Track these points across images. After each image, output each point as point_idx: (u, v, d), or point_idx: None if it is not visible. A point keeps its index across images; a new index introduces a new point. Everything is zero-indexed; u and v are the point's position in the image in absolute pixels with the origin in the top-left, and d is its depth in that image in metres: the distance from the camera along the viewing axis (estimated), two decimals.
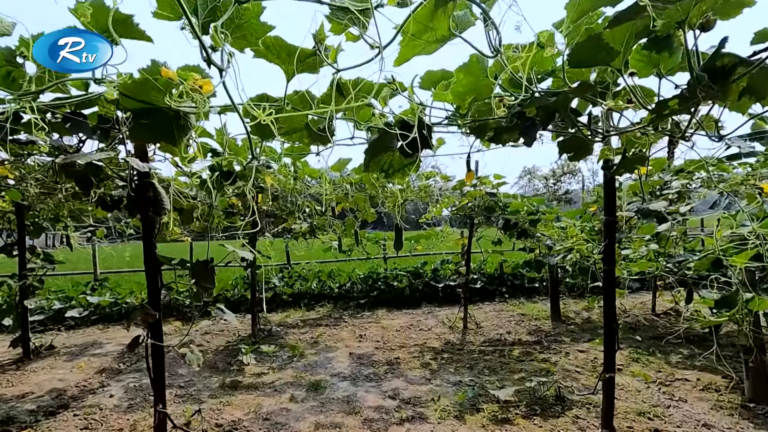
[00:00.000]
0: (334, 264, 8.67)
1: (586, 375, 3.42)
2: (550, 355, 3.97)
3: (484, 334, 4.76)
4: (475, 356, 4.01)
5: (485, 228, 5.16)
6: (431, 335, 4.84)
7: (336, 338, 4.83)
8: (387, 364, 3.88)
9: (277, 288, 7.00)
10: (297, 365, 3.93)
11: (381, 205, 4.76)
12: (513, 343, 4.39)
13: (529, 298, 6.78)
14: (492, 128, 1.92)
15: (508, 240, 4.96)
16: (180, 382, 3.56)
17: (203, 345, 4.65)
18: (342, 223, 5.56)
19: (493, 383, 3.30)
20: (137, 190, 2.12)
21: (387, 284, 6.96)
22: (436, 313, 6.01)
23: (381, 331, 5.08)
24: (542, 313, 5.57)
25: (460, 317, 5.25)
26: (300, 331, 5.25)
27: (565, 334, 4.63)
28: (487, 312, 5.91)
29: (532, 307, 6.08)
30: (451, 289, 6.81)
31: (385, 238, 7.56)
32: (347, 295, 7.04)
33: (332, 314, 6.15)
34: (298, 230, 5.66)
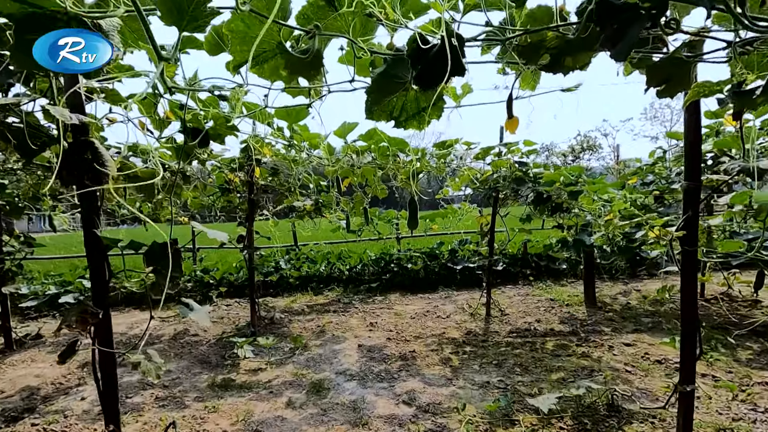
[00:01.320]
0: (344, 245, 8.19)
1: (638, 376, 2.86)
2: (591, 348, 3.42)
3: (511, 323, 4.22)
4: (502, 350, 3.48)
5: (511, 204, 4.55)
6: (450, 324, 4.32)
7: (344, 327, 4.36)
8: (401, 358, 3.39)
9: (283, 271, 6.56)
10: (299, 360, 3.47)
11: (392, 178, 4.18)
12: (545, 334, 3.84)
13: (556, 280, 6.19)
14: (550, 48, 1.31)
15: (537, 217, 4.35)
16: (165, 380, 3.13)
17: (198, 335, 4.24)
18: (350, 200, 5.02)
19: (527, 385, 2.77)
20: (71, 151, 1.59)
21: (400, 266, 6.45)
22: (454, 298, 5.48)
23: (394, 319, 4.59)
24: (574, 299, 4.99)
25: (482, 303, 4.71)
26: (306, 318, 4.80)
27: (604, 324, 4.05)
28: (512, 297, 5.36)
29: (561, 291, 5.49)
30: (470, 272, 6.27)
31: (398, 216, 7.00)
32: (358, 278, 6.57)
33: (341, 299, 5.68)
34: (302, 208, 5.16)
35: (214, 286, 6.32)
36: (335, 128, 3.41)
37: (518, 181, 3.63)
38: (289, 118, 3.00)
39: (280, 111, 2.94)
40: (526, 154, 3.79)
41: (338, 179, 4.21)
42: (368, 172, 4.13)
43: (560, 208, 3.71)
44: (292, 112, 2.98)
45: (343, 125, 3.36)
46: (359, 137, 3.54)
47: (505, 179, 3.96)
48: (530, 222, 4.25)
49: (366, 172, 4.13)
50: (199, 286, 6.29)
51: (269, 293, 6.27)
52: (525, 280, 6.26)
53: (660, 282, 5.81)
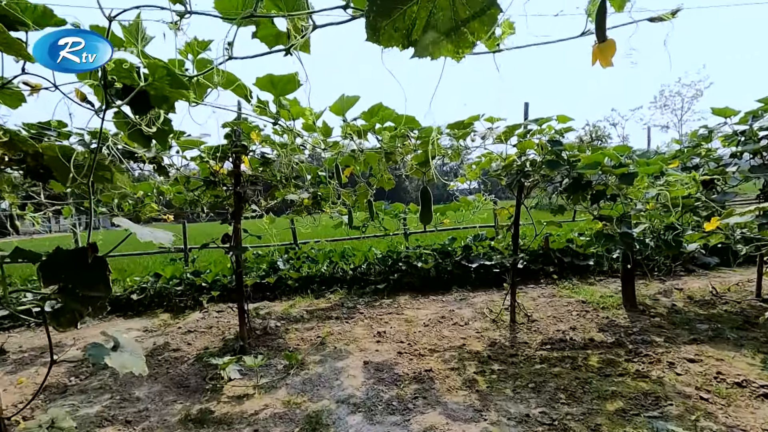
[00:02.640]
0: (347, 242, 7.61)
1: (719, 406, 2.26)
2: (646, 365, 2.82)
3: (541, 331, 3.63)
4: (537, 367, 2.89)
5: (538, 193, 3.94)
6: (470, 332, 3.74)
7: (348, 337, 3.79)
8: (415, 380, 2.81)
9: (282, 272, 6.00)
10: (294, 381, 2.91)
11: (401, 166, 3.59)
12: (584, 346, 3.24)
13: (582, 278, 5.57)
14: None
15: (571, 207, 3.74)
16: (131, 411, 2.58)
17: (180, 350, 3.68)
18: (352, 193, 4.44)
19: (578, 420, 2.18)
20: None
21: (410, 265, 5.87)
22: (470, 300, 4.90)
23: (404, 327, 4.01)
24: (609, 300, 4.38)
25: (503, 306, 4.13)
26: (304, 326, 4.23)
27: (653, 331, 3.45)
28: (536, 298, 4.76)
29: (591, 291, 4.88)
30: (486, 270, 5.67)
31: (405, 210, 6.40)
32: (363, 278, 6.00)
33: (345, 303, 5.11)
34: (298, 202, 4.58)
35: (206, 289, 5.79)
36: (332, 104, 2.83)
37: (552, 165, 3.02)
38: (274, 89, 2.42)
39: (263, 80, 2.38)
40: (560, 132, 3.17)
41: (338, 168, 3.62)
42: (372, 159, 3.54)
43: (602, 196, 3.10)
44: (278, 82, 2.41)
45: (341, 99, 2.77)
46: (361, 115, 2.95)
47: (534, 164, 3.35)
48: (563, 213, 3.64)
49: (370, 158, 3.54)
50: (191, 289, 5.76)
51: (266, 297, 5.72)
52: (548, 278, 5.65)
53: (701, 279, 5.19)
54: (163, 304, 5.55)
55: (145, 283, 5.64)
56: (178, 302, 5.49)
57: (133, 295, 5.44)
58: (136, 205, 4.83)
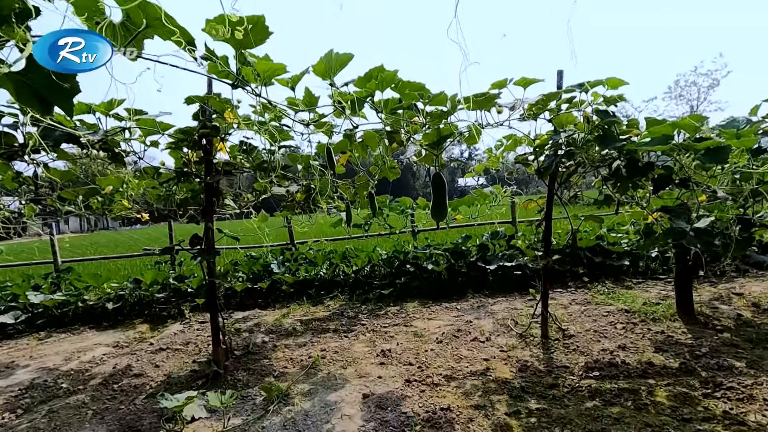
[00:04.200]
0: (348, 242, 6.96)
1: None
2: (734, 404, 2.12)
3: (582, 351, 2.94)
4: (588, 406, 2.21)
5: (575, 180, 3.24)
6: (494, 351, 3.07)
7: (346, 358, 3.14)
8: (429, 424, 2.15)
9: (276, 275, 5.37)
10: (271, 424, 2.26)
11: (406, 147, 2.92)
12: (644, 373, 2.55)
13: (617, 281, 4.86)
14: None
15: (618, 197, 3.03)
16: None
17: (144, 375, 3.06)
18: (351, 185, 3.79)
19: None
20: None
21: (418, 267, 5.20)
22: (489, 308, 4.22)
23: (413, 343, 3.35)
24: (657, 309, 3.66)
25: (528, 315, 3.45)
26: (296, 341, 3.60)
27: (727, 352, 2.74)
28: (568, 306, 4.06)
29: (631, 296, 4.17)
30: (505, 272, 4.98)
31: (413, 206, 5.73)
32: (366, 281, 5.35)
33: (345, 311, 4.47)
34: (289, 197, 3.95)
35: (192, 296, 5.19)
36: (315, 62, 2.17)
37: (604, 140, 2.33)
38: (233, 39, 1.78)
39: (215, 23, 1.75)
40: (611, 101, 2.47)
41: (330, 153, 2.96)
42: (372, 141, 2.88)
43: (667, 182, 2.39)
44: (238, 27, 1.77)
45: (327, 56, 2.13)
46: (356, 81, 2.28)
47: (573, 143, 2.65)
48: (608, 205, 2.94)
49: (369, 140, 2.87)
50: (174, 296, 5.16)
51: (257, 304, 5.10)
52: (577, 281, 4.95)
53: (760, 282, 4.44)
54: (144, 313, 4.96)
55: (124, 289, 5.05)
56: (160, 311, 4.90)
57: (108, 303, 4.85)
58: (105, 203, 4.22)
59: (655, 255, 5.11)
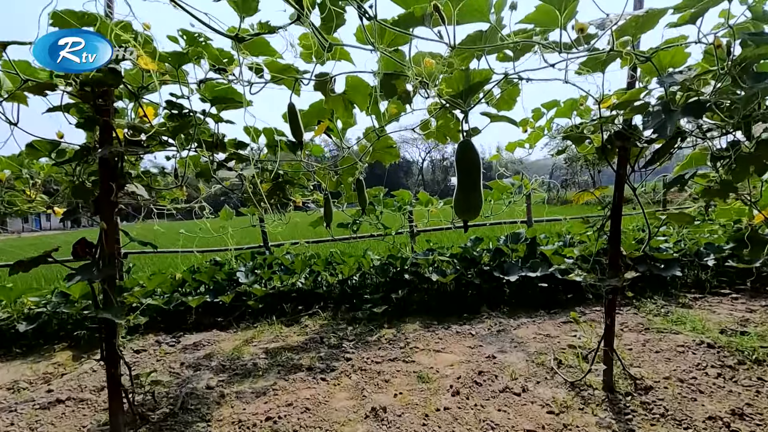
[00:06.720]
0: (332, 245, 5.91)
1: None
2: None
3: (675, 418, 1.93)
4: None
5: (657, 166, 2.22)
6: (539, 413, 2.06)
7: (320, 421, 2.11)
8: None
9: (242, 287, 4.31)
10: None
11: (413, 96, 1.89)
12: None
13: (668, 296, 3.89)
14: None
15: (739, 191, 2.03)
16: None
17: None
18: (331, 170, 2.77)
19: None
20: None
21: (419, 276, 4.18)
22: (512, 333, 3.22)
23: (418, 395, 2.33)
24: (750, 342, 2.67)
25: (571, 347, 2.46)
26: (253, 388, 2.56)
27: None
28: (621, 335, 3.05)
29: (698, 319, 3.19)
30: (527, 284, 3.99)
31: (412, 201, 4.70)
32: (355, 293, 4.33)
33: (325, 336, 3.44)
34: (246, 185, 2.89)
35: (139, 311, 4.11)
36: None
37: (758, 78, 1.32)
38: None
39: None
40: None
41: (294, 114, 1.94)
42: (357, 91, 1.84)
43: None
44: None
45: None
46: None
47: (681, 96, 1.63)
48: (724, 200, 1.96)
49: (353, 90, 1.84)
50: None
51: (217, 323, 4.04)
52: (619, 296, 3.96)
53: None
54: (72, 335, 3.89)
55: (44, 305, 3.96)
56: (89, 334, 3.82)
57: (20, 324, 3.77)
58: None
59: (712, 264, 4.14)
